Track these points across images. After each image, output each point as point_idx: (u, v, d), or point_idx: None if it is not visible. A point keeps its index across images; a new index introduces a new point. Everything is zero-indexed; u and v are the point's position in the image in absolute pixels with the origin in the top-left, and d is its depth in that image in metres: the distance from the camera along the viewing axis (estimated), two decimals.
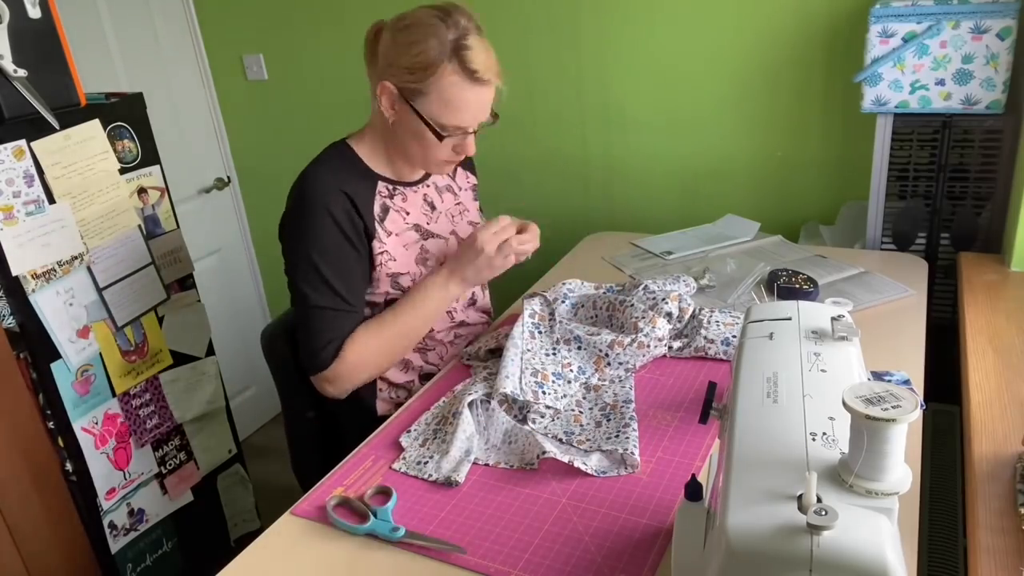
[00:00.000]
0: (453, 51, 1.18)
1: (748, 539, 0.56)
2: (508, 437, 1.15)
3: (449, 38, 1.18)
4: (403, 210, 1.35)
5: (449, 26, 1.19)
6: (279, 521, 1.04)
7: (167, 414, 1.79)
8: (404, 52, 1.20)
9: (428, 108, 1.23)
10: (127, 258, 1.66)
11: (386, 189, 1.34)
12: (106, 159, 1.60)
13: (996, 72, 1.56)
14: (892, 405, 0.57)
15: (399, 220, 1.34)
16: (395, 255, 1.33)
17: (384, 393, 1.41)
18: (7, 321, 1.46)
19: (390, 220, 1.33)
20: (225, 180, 2.75)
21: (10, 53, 1.41)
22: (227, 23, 2.62)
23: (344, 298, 1.27)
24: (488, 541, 0.96)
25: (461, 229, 1.45)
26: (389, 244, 1.32)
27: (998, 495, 0.98)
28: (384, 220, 1.32)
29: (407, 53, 1.20)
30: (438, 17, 1.20)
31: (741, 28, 1.99)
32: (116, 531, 1.70)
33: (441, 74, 1.19)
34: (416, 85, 1.21)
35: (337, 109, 2.58)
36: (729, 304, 1.53)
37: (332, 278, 1.26)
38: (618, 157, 2.26)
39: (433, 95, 1.21)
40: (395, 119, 1.27)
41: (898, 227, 1.78)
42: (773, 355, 0.77)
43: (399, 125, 1.28)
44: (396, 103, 1.25)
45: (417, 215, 1.37)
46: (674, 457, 1.09)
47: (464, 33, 1.19)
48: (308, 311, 1.28)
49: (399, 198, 1.35)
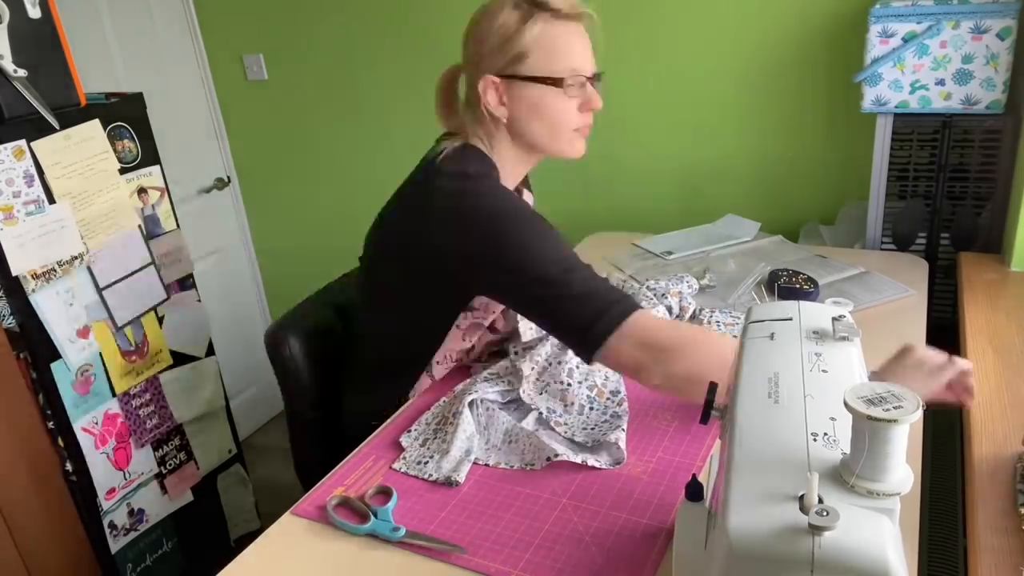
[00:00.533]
0: (530, 4, 1.16)
1: (749, 540, 0.56)
2: (508, 437, 1.15)
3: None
4: None
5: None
6: (279, 521, 1.04)
7: (167, 414, 1.79)
8: (490, 35, 1.17)
9: (536, 66, 1.17)
10: (127, 258, 1.66)
11: None
12: (106, 159, 1.60)
13: (996, 72, 1.56)
14: (893, 406, 0.57)
15: None
16: None
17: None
18: (7, 321, 1.46)
19: None
20: (225, 180, 2.75)
21: (10, 53, 1.41)
22: (227, 23, 2.62)
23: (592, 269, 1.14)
24: (488, 541, 0.96)
25: None
26: None
27: (998, 495, 0.98)
28: None
29: (493, 35, 1.17)
30: (498, 2, 1.18)
31: (741, 28, 1.99)
32: (116, 531, 1.70)
33: (530, 27, 1.16)
34: (515, 53, 1.17)
35: (337, 109, 2.58)
36: (729, 304, 1.53)
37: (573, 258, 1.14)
38: (619, 157, 2.26)
39: (534, 51, 1.17)
40: (509, 111, 1.21)
41: (898, 227, 1.78)
42: (774, 355, 0.77)
43: (515, 113, 1.21)
44: (504, 92, 1.19)
45: None
46: (675, 457, 1.09)
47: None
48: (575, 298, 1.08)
49: None
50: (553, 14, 1.17)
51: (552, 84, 1.18)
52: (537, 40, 1.17)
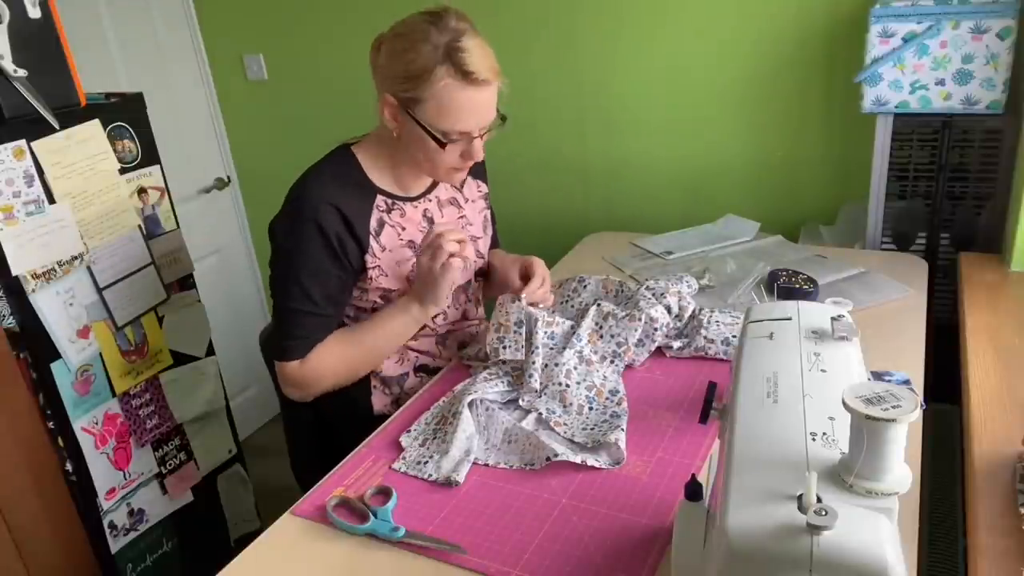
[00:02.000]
0: (446, 54, 1.16)
1: (748, 539, 0.56)
2: (508, 437, 1.15)
3: (442, 41, 1.16)
4: (399, 225, 1.34)
5: (441, 29, 1.17)
6: (279, 521, 1.04)
7: (167, 414, 1.79)
8: (398, 61, 1.19)
9: (427, 115, 1.21)
10: (127, 258, 1.66)
11: (384, 203, 1.33)
12: (106, 159, 1.60)
13: (996, 72, 1.56)
14: (892, 405, 0.57)
15: (394, 236, 1.33)
16: (387, 271, 1.32)
17: (378, 389, 1.41)
18: (7, 321, 1.46)
19: (385, 235, 1.32)
20: (225, 180, 2.75)
21: (10, 53, 1.41)
22: (227, 23, 2.62)
23: (316, 302, 1.28)
24: (488, 541, 0.96)
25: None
26: (382, 259, 1.32)
27: (998, 495, 0.98)
28: (379, 235, 1.31)
29: (400, 61, 1.19)
30: (428, 22, 1.18)
31: (741, 28, 1.99)
32: (116, 531, 1.70)
33: (435, 79, 1.17)
34: (413, 94, 1.19)
35: (337, 109, 2.58)
36: (729, 304, 1.53)
37: (310, 285, 1.27)
38: (618, 157, 2.26)
39: (430, 101, 1.19)
40: (399, 131, 1.26)
41: (898, 227, 1.78)
42: (773, 355, 0.77)
43: (404, 136, 1.27)
44: (398, 114, 1.24)
45: (413, 231, 1.36)
46: (674, 457, 1.09)
47: (457, 35, 1.17)
48: (282, 310, 1.31)
49: (396, 213, 1.34)
50: (463, 75, 1.17)
51: (434, 139, 1.22)
52: (436, 94, 1.18)
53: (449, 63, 1.16)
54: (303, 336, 1.30)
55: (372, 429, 1.24)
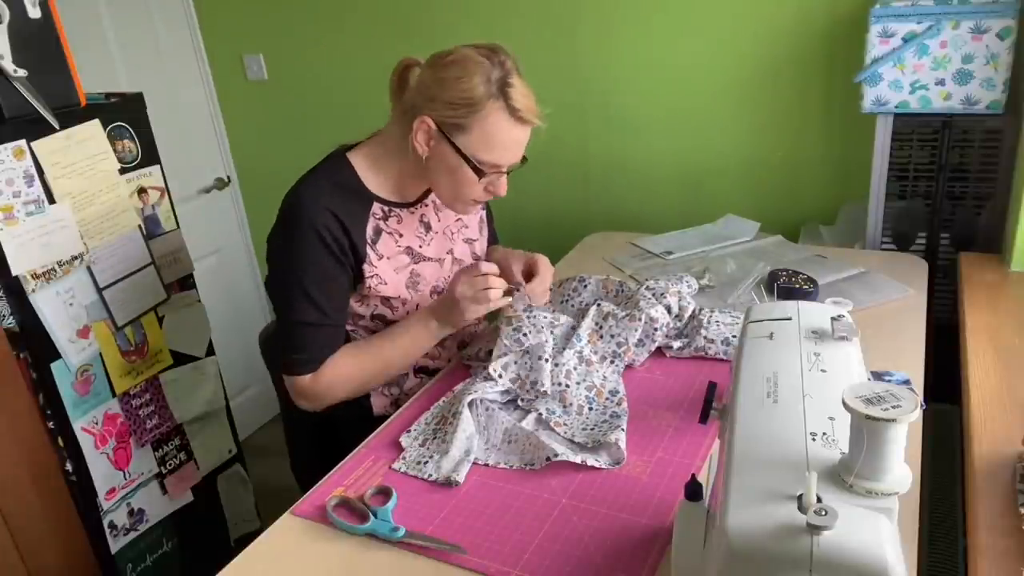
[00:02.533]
0: (499, 89, 1.18)
1: (748, 539, 0.56)
2: (508, 437, 1.15)
3: (495, 76, 1.18)
4: (396, 232, 1.34)
5: (495, 64, 1.19)
6: (279, 521, 1.04)
7: (167, 414, 1.79)
8: (450, 87, 1.19)
9: (469, 144, 1.21)
10: (127, 258, 1.66)
11: (381, 211, 1.33)
12: (106, 159, 1.60)
13: (996, 72, 1.56)
14: (892, 405, 0.57)
15: (391, 243, 1.33)
16: (386, 279, 1.32)
17: (377, 391, 1.41)
18: (7, 321, 1.46)
19: (382, 243, 1.32)
20: (225, 180, 2.75)
21: (10, 53, 1.41)
22: (227, 23, 2.62)
23: (325, 312, 1.27)
24: (488, 541, 0.96)
25: (458, 249, 1.45)
26: (380, 267, 1.31)
27: (998, 495, 0.98)
28: (376, 243, 1.31)
29: (454, 88, 1.19)
30: (484, 55, 1.19)
31: (741, 28, 1.99)
32: (116, 531, 1.70)
33: (487, 111, 1.19)
34: (459, 120, 1.20)
35: (337, 109, 2.58)
36: (729, 304, 1.53)
37: (317, 295, 1.26)
38: (618, 157, 2.26)
39: (476, 132, 1.20)
40: (430, 155, 1.25)
41: (898, 227, 1.78)
42: (773, 355, 0.77)
43: (433, 160, 1.26)
44: (433, 139, 1.24)
45: (410, 238, 1.36)
46: (674, 457, 1.09)
47: (509, 72, 1.20)
48: (289, 324, 1.28)
49: (393, 220, 1.34)
50: (511, 111, 1.20)
51: (472, 167, 1.23)
52: (483, 125, 1.20)
53: (503, 98, 1.19)
54: (314, 349, 1.29)
55: (372, 429, 1.24)
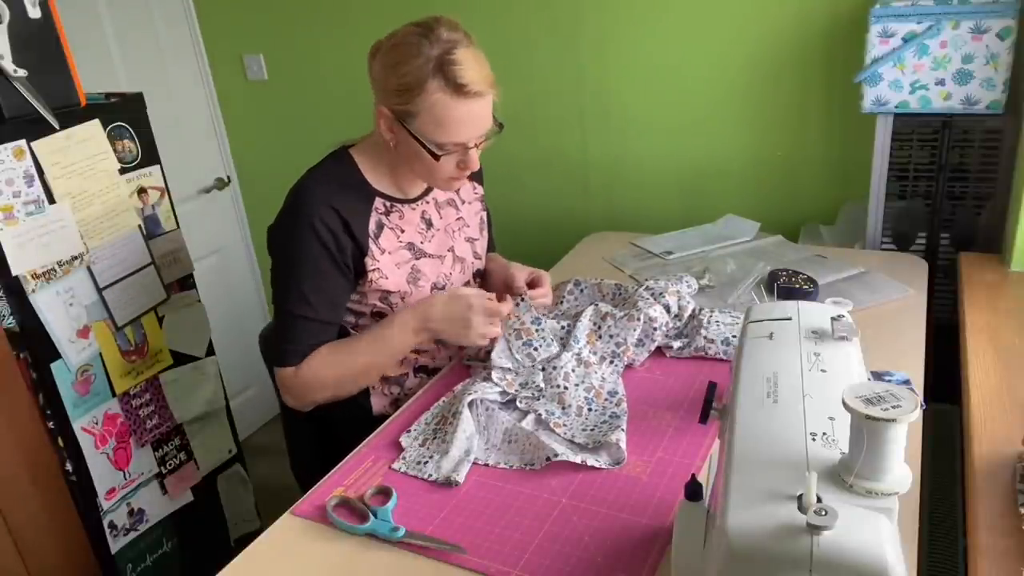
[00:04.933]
0: (437, 67, 1.15)
1: (748, 539, 0.56)
2: (508, 437, 1.15)
3: (433, 54, 1.15)
4: (398, 228, 1.35)
5: (432, 42, 1.16)
6: (279, 521, 1.04)
7: (167, 414, 1.79)
8: (391, 74, 1.19)
9: (421, 128, 1.20)
10: (127, 258, 1.66)
11: (383, 206, 1.33)
12: (106, 159, 1.60)
13: (996, 72, 1.56)
14: (892, 405, 0.57)
15: (393, 238, 1.33)
16: (387, 273, 1.32)
17: (377, 389, 1.41)
18: (7, 321, 1.46)
19: (384, 237, 1.32)
20: (225, 180, 2.75)
21: (10, 53, 1.41)
22: (227, 23, 2.62)
23: (316, 308, 1.28)
24: (488, 541, 0.96)
25: (459, 246, 1.45)
26: (382, 262, 1.31)
27: (998, 495, 0.98)
28: (379, 237, 1.31)
29: (393, 75, 1.18)
30: (419, 34, 1.17)
31: (741, 28, 1.99)
32: (116, 531, 1.70)
33: (428, 92, 1.16)
34: (406, 107, 1.19)
35: (337, 109, 2.58)
36: (729, 304, 1.53)
37: (308, 290, 1.27)
38: (618, 157, 2.26)
39: (424, 115, 1.19)
40: (395, 141, 1.26)
41: (898, 227, 1.78)
42: (773, 355, 0.77)
43: (400, 146, 1.27)
44: (393, 126, 1.24)
45: (412, 233, 1.36)
46: (674, 457, 1.09)
47: (449, 47, 1.16)
48: (281, 314, 1.30)
49: (395, 215, 1.34)
50: (454, 88, 1.16)
51: (428, 152, 1.22)
52: (430, 109, 1.18)
53: (441, 76, 1.15)
54: (300, 341, 1.29)
55: (372, 429, 1.24)
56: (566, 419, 1.18)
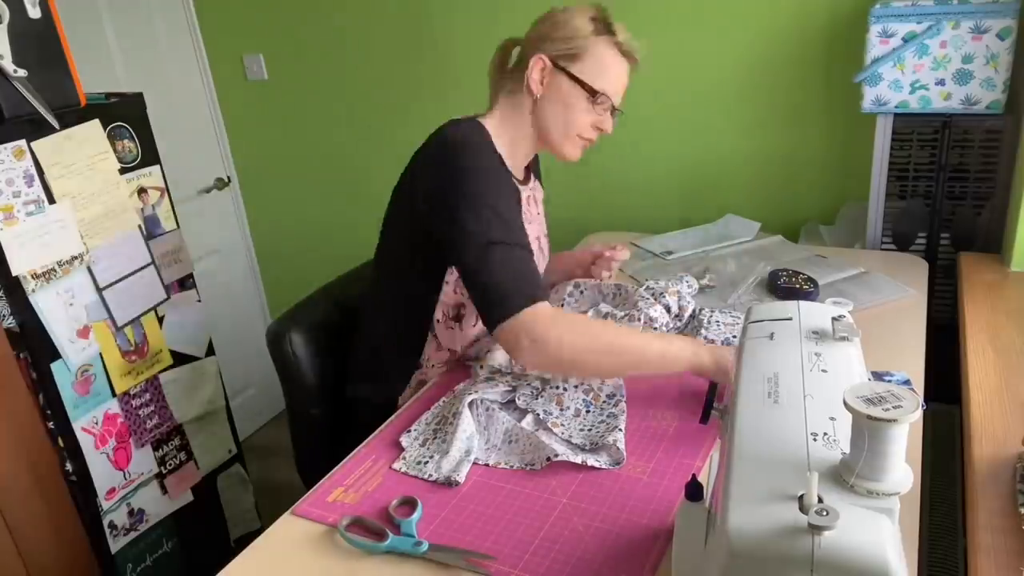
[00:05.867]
0: (605, 27, 1.30)
1: (749, 539, 0.56)
2: (508, 437, 1.15)
3: (600, 16, 1.30)
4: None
5: (596, 10, 1.31)
6: (279, 521, 1.04)
7: (167, 414, 1.79)
8: (561, 26, 1.29)
9: (584, 71, 1.29)
10: (127, 258, 1.66)
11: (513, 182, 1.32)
12: (106, 159, 1.60)
13: (996, 72, 1.56)
14: (893, 405, 0.57)
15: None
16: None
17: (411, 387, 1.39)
18: (7, 321, 1.46)
19: None
20: (225, 180, 2.75)
21: (10, 53, 1.41)
22: (227, 23, 2.62)
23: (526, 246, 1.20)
24: (488, 541, 0.96)
25: (541, 240, 1.48)
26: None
27: (998, 495, 0.98)
28: None
29: (564, 26, 1.28)
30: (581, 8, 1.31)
31: (741, 28, 1.99)
32: (116, 531, 1.70)
33: (596, 42, 1.29)
34: (573, 51, 1.28)
35: (337, 109, 2.58)
36: (729, 304, 1.53)
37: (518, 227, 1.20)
38: (619, 157, 2.26)
39: (589, 60, 1.28)
40: (543, 93, 1.30)
41: (898, 227, 1.78)
42: (774, 355, 0.77)
43: (547, 98, 1.30)
44: (547, 75, 1.29)
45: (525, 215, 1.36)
46: (674, 457, 1.09)
47: (609, 16, 1.31)
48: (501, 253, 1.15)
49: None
50: (616, 44, 1.30)
51: (587, 92, 1.29)
52: (595, 54, 1.29)
53: (608, 33, 1.30)
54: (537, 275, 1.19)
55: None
56: (563, 419, 1.18)
